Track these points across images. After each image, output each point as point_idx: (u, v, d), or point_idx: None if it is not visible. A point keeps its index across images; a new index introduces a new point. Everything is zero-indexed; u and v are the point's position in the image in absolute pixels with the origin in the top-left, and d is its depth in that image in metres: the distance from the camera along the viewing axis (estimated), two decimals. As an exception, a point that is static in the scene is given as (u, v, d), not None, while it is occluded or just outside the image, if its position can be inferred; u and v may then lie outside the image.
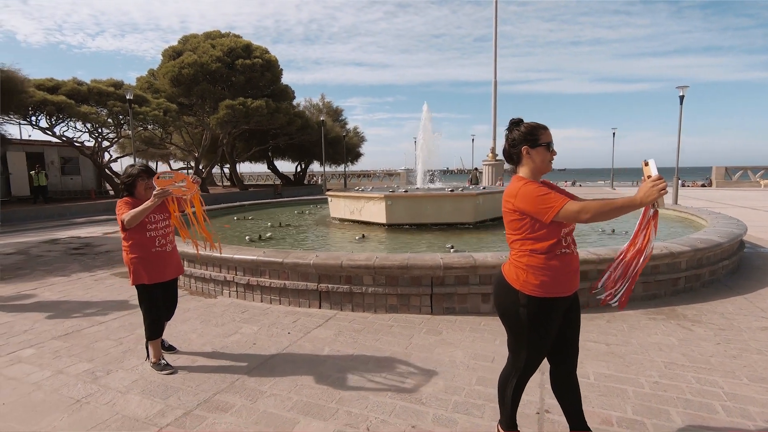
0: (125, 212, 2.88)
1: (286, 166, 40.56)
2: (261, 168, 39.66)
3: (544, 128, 1.94)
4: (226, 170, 36.28)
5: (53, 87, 17.05)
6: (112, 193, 21.98)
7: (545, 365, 2.16)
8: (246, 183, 36.25)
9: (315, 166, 35.35)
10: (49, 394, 2.78)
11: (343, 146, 30.14)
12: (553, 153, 1.95)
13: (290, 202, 13.90)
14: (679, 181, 20.12)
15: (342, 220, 9.22)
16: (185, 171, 38.39)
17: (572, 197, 1.87)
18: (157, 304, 3.12)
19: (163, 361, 3.14)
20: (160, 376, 3.02)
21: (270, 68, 23.57)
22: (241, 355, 3.37)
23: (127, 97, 15.18)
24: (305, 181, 36.67)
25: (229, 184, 35.36)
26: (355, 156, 34.75)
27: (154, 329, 3.10)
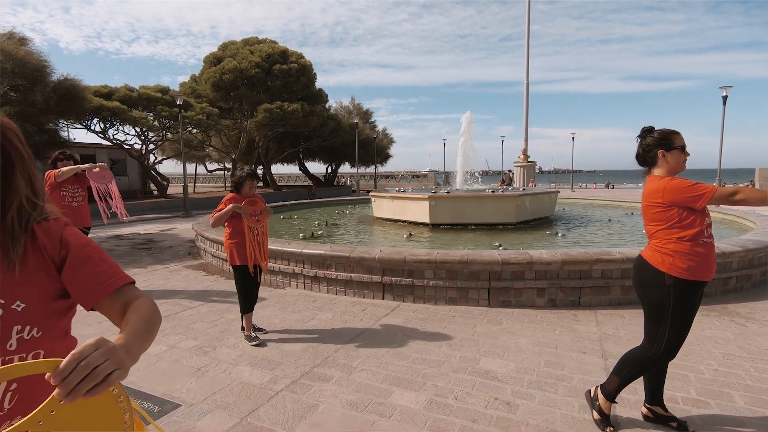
0: (224, 207, 3.48)
1: (314, 168, 41.46)
2: (291, 169, 40.65)
3: (677, 133, 2.22)
4: (259, 171, 37.37)
5: (107, 93, 18.19)
6: (156, 192, 23.12)
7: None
8: (279, 184, 37.25)
9: (343, 168, 36.02)
10: (171, 364, 3.25)
11: (373, 148, 30.63)
12: (687, 154, 2.21)
13: (327, 203, 14.37)
14: (721, 183, 19.57)
15: (385, 220, 9.59)
16: (222, 173, 39.74)
17: None
18: (248, 282, 3.66)
19: (253, 334, 3.64)
20: (261, 351, 3.45)
21: (305, 72, 24.27)
22: (325, 336, 3.77)
23: (178, 102, 16.08)
24: (334, 182, 37.36)
25: (262, 184, 36.42)
26: (384, 158, 35.19)
27: (246, 303, 3.65)
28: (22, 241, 0.87)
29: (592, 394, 2.50)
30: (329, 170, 35.42)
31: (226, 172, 36.92)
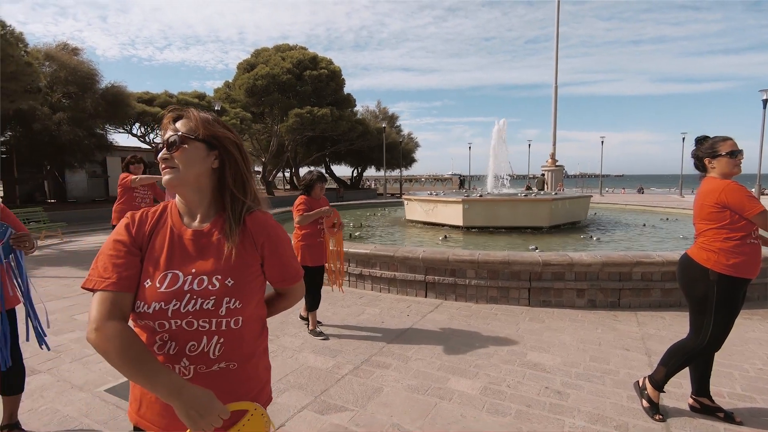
0: (302, 210, 3.68)
1: (339, 171, 42.10)
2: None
3: (723, 140, 2.38)
4: (287, 174, 38.20)
5: (149, 99, 19.14)
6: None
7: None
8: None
9: (367, 171, 36.46)
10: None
11: (399, 151, 30.93)
12: (739, 158, 2.35)
13: (355, 205, 14.69)
14: (761, 189, 18.95)
15: (417, 222, 9.83)
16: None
17: None
18: (315, 282, 3.90)
19: (318, 329, 3.89)
20: (320, 340, 3.74)
21: (334, 78, 24.83)
22: (376, 329, 4.04)
23: (216, 108, 16.80)
24: (360, 185, 37.84)
25: (289, 187, 37.23)
26: (410, 161, 35.45)
27: (312, 302, 3.87)
28: (237, 230, 1.11)
29: (640, 384, 2.67)
30: (355, 173, 35.92)
31: (255, 175, 37.86)
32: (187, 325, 1.03)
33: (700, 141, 2.46)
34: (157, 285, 1.04)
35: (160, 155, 1.12)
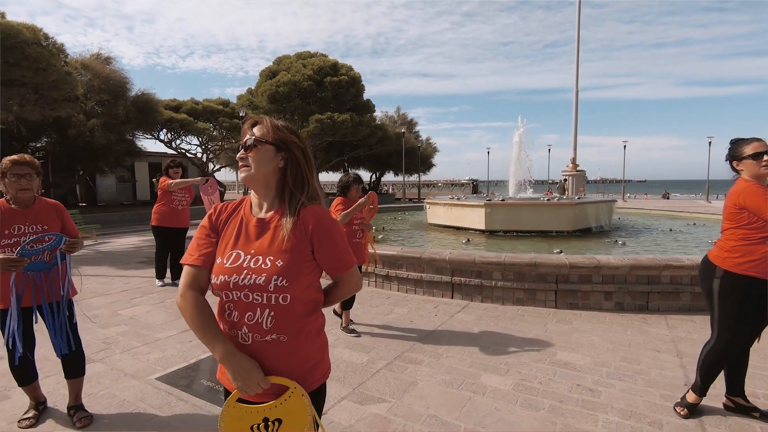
0: (341, 210, 3.81)
1: (359, 176, 42.41)
2: (336, 177, 41.83)
3: (749, 142, 2.42)
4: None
5: (176, 106, 19.77)
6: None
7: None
8: (326, 191, 38.43)
9: (385, 176, 36.63)
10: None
11: (417, 157, 31.04)
12: (763, 160, 2.34)
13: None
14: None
15: (438, 226, 9.91)
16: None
17: None
18: None
19: (351, 326, 4.02)
20: (353, 337, 3.87)
21: (354, 84, 25.14)
22: (406, 328, 4.14)
23: (241, 114, 17.28)
24: (378, 190, 38.05)
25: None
26: (428, 166, 35.51)
27: (348, 301, 4.00)
28: (291, 221, 1.27)
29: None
30: (373, 178, 36.15)
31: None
32: (245, 297, 1.21)
33: (733, 143, 2.51)
34: (224, 262, 1.26)
35: (238, 155, 1.33)
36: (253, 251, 1.25)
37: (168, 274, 5.90)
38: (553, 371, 3.18)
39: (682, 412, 2.56)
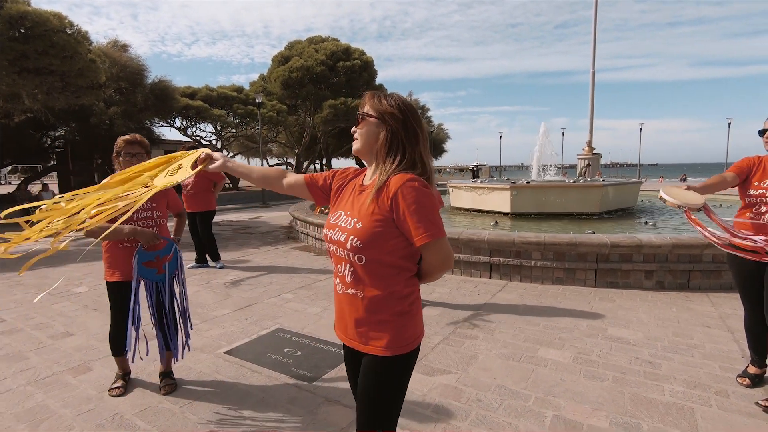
0: None
1: (370, 162, 42.36)
2: (348, 163, 41.85)
3: None
4: (317, 166, 38.76)
5: (191, 93, 19.81)
6: (229, 185, 24.82)
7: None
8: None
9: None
10: (331, 320, 3.83)
11: (430, 141, 30.89)
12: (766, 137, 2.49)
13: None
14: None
15: (462, 209, 9.93)
16: (284, 167, 41.72)
17: None
18: None
19: None
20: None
21: (367, 69, 24.95)
22: (452, 306, 4.23)
23: (257, 101, 17.28)
24: (389, 176, 38.05)
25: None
26: (440, 152, 35.34)
27: None
28: (377, 185, 1.32)
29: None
30: (385, 164, 36.15)
31: (288, 167, 38.61)
32: (335, 250, 1.38)
33: None
34: (330, 218, 1.44)
35: (352, 129, 1.44)
36: (349, 212, 1.38)
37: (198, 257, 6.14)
38: (608, 345, 3.25)
39: (744, 383, 2.62)
